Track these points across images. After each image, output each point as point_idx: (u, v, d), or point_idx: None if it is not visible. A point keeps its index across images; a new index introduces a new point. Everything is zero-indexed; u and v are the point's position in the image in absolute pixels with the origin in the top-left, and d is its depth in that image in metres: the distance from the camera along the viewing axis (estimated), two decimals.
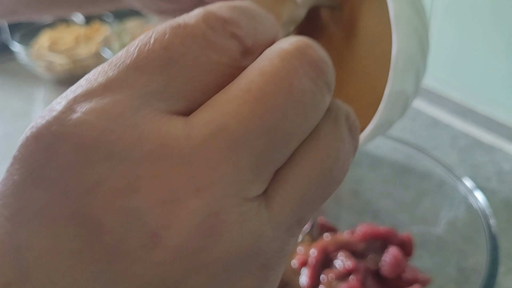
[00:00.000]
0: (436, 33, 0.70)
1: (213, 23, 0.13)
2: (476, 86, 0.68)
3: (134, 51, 0.13)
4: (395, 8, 0.21)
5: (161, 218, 0.12)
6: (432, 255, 0.43)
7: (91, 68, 0.64)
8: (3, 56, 0.92)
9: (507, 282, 0.44)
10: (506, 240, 0.48)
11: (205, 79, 0.13)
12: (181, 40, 0.13)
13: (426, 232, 0.44)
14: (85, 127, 0.12)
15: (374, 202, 0.50)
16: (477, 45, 0.65)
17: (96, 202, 0.12)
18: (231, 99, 0.13)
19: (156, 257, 0.12)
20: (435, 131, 0.66)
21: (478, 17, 0.64)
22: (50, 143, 0.12)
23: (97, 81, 0.13)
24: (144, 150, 0.12)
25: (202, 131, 0.12)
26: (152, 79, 0.13)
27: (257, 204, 0.13)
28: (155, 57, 0.13)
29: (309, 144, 0.14)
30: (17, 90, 0.83)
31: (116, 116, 0.12)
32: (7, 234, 0.12)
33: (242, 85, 0.13)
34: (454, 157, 0.61)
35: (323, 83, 0.14)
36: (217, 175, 0.12)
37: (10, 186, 0.13)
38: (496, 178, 0.57)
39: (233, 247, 0.13)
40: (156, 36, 0.13)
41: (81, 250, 0.12)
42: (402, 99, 0.24)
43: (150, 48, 0.13)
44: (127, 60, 0.13)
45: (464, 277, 0.39)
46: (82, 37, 0.85)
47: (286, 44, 0.14)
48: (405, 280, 0.39)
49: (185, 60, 0.13)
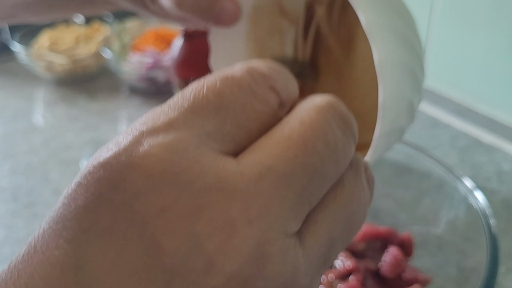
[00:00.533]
0: (436, 33, 0.70)
1: (256, 76, 0.16)
2: (476, 86, 0.68)
3: (190, 96, 0.15)
4: (380, 56, 0.21)
5: (218, 244, 0.13)
6: (432, 255, 0.43)
7: (91, 68, 0.64)
8: (3, 56, 0.93)
9: (507, 282, 0.45)
10: (506, 240, 0.48)
11: (250, 125, 0.15)
12: (231, 89, 0.15)
13: (426, 232, 0.44)
14: (154, 158, 0.14)
15: (374, 202, 0.50)
16: (477, 45, 0.65)
17: (161, 226, 0.13)
18: (275, 144, 0.15)
19: (211, 280, 0.13)
20: (435, 131, 0.66)
21: (477, 18, 0.64)
22: (119, 171, 0.14)
23: (160, 120, 0.15)
24: (205, 182, 0.14)
25: (253, 170, 0.14)
26: (207, 121, 0.15)
27: (293, 240, 0.15)
28: (209, 102, 0.15)
29: (336, 190, 0.16)
30: (17, 90, 0.84)
31: (181, 151, 0.14)
32: (66, 255, 0.13)
33: (285, 132, 0.15)
34: (454, 157, 0.61)
35: (350, 135, 0.16)
36: (266, 209, 0.14)
37: (73, 210, 0.14)
38: (496, 178, 0.57)
39: (275, 277, 0.14)
40: (209, 85, 0.15)
41: (142, 269, 0.13)
42: (395, 133, 0.24)
43: (204, 95, 0.15)
44: (185, 104, 0.15)
45: (464, 277, 0.39)
46: (82, 37, 0.85)
47: (319, 100, 0.16)
48: (405, 280, 0.39)
49: (234, 107, 0.15)
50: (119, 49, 0.81)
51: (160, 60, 0.75)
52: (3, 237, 0.52)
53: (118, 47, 0.82)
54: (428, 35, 0.71)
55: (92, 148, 0.65)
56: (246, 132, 0.15)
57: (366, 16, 0.21)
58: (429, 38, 0.71)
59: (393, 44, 0.22)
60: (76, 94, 0.81)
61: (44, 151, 0.67)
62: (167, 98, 0.56)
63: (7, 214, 0.56)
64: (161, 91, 0.78)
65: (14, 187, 0.60)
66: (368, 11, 0.21)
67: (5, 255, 0.50)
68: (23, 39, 0.86)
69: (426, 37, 0.71)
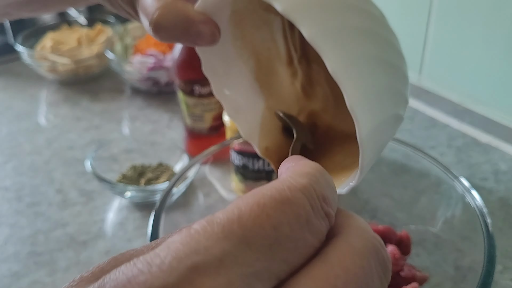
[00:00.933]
0: (434, 35, 0.70)
1: (315, 201, 0.15)
2: (473, 87, 0.69)
3: (247, 220, 0.14)
4: (351, 99, 0.20)
5: None
6: (429, 254, 0.44)
7: (93, 69, 0.65)
8: (7, 57, 0.93)
9: (504, 280, 0.45)
10: (502, 239, 0.49)
11: (297, 261, 0.15)
12: (288, 221, 0.14)
13: (424, 230, 0.44)
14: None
15: (373, 201, 0.50)
16: (474, 47, 0.66)
17: None
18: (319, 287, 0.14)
19: None
20: (432, 131, 0.67)
21: (475, 19, 0.64)
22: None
23: (211, 253, 0.14)
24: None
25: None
26: (258, 258, 0.14)
27: None
28: (265, 236, 0.14)
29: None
30: (21, 90, 0.84)
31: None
32: None
33: (330, 279, 0.14)
34: (452, 156, 0.61)
35: (386, 282, 0.16)
36: None
37: None
38: (493, 177, 0.57)
39: None
40: (268, 212, 0.14)
41: None
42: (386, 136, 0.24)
43: (261, 224, 0.14)
44: (238, 232, 0.14)
45: (461, 275, 0.39)
46: (85, 38, 0.86)
47: (363, 241, 0.16)
48: (403, 278, 0.39)
49: (287, 243, 0.14)
50: (121, 50, 0.82)
51: (162, 61, 0.76)
52: (7, 236, 0.53)
53: (120, 48, 0.82)
54: (426, 37, 0.71)
55: (94, 148, 0.66)
56: (291, 269, 0.15)
57: (331, 63, 0.20)
58: (427, 40, 0.72)
59: (370, 78, 0.22)
60: (79, 95, 0.81)
61: (47, 151, 0.67)
62: (169, 99, 0.57)
63: (11, 213, 0.56)
64: (162, 91, 0.78)
65: (18, 187, 0.61)
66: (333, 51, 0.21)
67: (8, 253, 0.51)
68: (26, 41, 0.87)
69: (424, 39, 0.72)
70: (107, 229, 0.53)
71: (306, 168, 0.17)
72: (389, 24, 0.24)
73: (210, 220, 0.14)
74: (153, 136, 0.69)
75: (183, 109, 0.60)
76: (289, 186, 0.15)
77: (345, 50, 0.21)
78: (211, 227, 0.14)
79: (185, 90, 0.58)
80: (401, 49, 0.25)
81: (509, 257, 0.47)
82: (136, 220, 0.54)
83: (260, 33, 0.29)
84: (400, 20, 0.73)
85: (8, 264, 0.49)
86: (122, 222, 0.54)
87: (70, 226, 0.54)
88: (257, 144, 0.30)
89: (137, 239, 0.51)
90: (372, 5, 0.24)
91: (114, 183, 0.55)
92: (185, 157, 0.59)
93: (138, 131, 0.71)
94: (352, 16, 0.22)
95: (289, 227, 0.14)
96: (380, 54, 0.22)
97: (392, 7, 0.74)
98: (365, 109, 0.21)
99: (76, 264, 0.49)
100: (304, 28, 0.20)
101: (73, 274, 0.48)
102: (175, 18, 0.24)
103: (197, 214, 0.46)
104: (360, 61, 0.21)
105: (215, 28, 0.25)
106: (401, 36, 0.25)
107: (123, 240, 0.51)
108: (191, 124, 0.61)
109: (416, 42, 0.72)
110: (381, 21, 0.24)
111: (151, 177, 0.57)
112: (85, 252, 0.50)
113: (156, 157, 0.61)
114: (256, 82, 0.30)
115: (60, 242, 0.52)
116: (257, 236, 0.14)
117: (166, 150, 0.61)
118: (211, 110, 0.59)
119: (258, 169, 0.51)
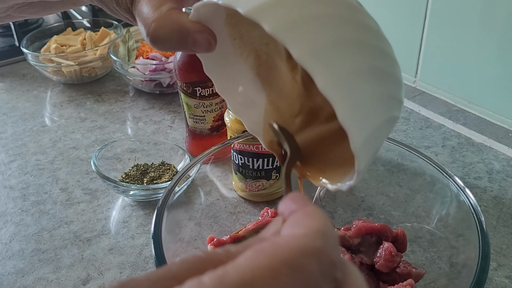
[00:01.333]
0: (429, 37, 0.71)
1: (326, 267, 0.15)
2: (467, 88, 0.69)
3: (263, 285, 0.14)
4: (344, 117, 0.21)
5: None
6: (425, 251, 0.44)
7: (97, 71, 0.66)
8: (13, 59, 0.94)
9: (498, 277, 0.45)
10: (496, 236, 0.49)
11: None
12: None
13: (419, 228, 0.45)
14: None
15: (369, 199, 0.51)
16: (468, 48, 0.66)
17: None
18: None
19: None
20: (428, 131, 0.67)
21: (468, 24, 0.65)
22: None
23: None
24: None
25: None
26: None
27: None
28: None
29: None
30: (26, 91, 0.85)
31: None
32: None
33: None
34: (446, 156, 0.62)
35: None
36: None
37: None
38: (487, 176, 0.58)
39: None
40: (281, 279, 0.14)
41: None
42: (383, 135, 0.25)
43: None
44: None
45: (456, 271, 0.39)
46: (89, 41, 0.87)
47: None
48: (399, 274, 0.40)
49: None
50: (124, 52, 0.83)
51: (164, 64, 0.77)
52: (12, 233, 0.54)
53: (123, 50, 0.83)
54: (422, 40, 0.72)
55: (98, 148, 0.67)
56: None
57: (320, 81, 0.21)
58: (423, 43, 0.72)
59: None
60: (83, 96, 0.82)
61: (52, 151, 0.68)
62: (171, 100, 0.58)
63: (16, 211, 0.57)
64: (165, 93, 0.79)
65: (23, 186, 0.61)
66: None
67: (13, 251, 0.51)
68: (32, 43, 0.88)
69: (420, 41, 0.72)
70: (111, 227, 0.54)
71: (316, 224, 0.16)
72: (380, 31, 0.24)
73: (222, 278, 0.14)
74: (156, 136, 0.70)
75: (184, 110, 0.61)
76: (301, 249, 0.15)
77: (334, 67, 0.21)
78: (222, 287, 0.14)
79: (186, 92, 0.58)
80: (393, 54, 0.25)
81: (503, 255, 0.47)
82: (139, 218, 0.55)
83: (257, 30, 0.29)
84: (396, 25, 0.74)
85: (13, 261, 0.50)
86: (125, 220, 0.55)
87: (74, 224, 0.54)
88: (261, 137, 0.31)
89: (140, 237, 0.52)
90: (361, 14, 0.24)
91: (118, 182, 0.56)
92: (186, 156, 0.59)
93: (141, 132, 0.71)
94: (341, 29, 0.22)
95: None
96: (370, 64, 0.22)
97: (389, 13, 0.74)
98: (356, 122, 0.21)
99: (80, 261, 0.49)
100: (292, 50, 0.20)
101: (77, 271, 0.48)
102: (170, 29, 0.24)
103: (199, 212, 0.47)
104: (350, 76, 0.21)
105: (210, 35, 0.25)
106: (398, 40, 0.25)
107: (126, 237, 0.52)
108: (192, 124, 0.61)
109: (412, 46, 0.73)
110: (371, 29, 0.24)
111: (154, 176, 0.58)
112: (89, 250, 0.51)
113: (159, 157, 0.61)
114: (257, 78, 0.30)
115: (65, 240, 0.52)
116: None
117: (168, 150, 0.62)
118: (212, 111, 0.60)
119: (258, 168, 0.52)
